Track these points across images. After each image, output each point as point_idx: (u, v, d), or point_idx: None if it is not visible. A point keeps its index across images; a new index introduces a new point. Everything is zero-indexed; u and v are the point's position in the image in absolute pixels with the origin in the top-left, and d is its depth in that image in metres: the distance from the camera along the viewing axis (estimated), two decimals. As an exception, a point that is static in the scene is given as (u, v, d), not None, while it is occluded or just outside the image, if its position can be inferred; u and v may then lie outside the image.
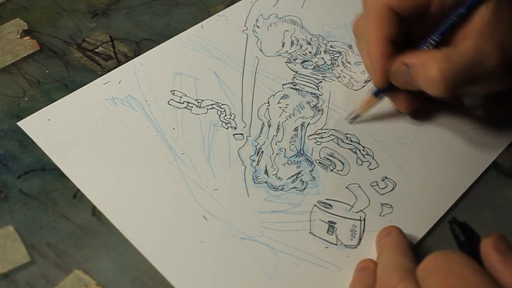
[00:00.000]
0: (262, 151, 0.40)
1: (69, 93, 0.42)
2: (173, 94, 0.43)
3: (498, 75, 0.37)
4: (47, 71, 0.44)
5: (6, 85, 0.43)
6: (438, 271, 0.28)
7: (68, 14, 0.48)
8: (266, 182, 0.38)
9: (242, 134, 0.41)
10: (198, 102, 0.42)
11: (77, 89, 0.43)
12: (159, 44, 0.47)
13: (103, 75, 0.44)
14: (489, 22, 0.36)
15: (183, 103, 0.42)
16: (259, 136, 0.41)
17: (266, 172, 0.39)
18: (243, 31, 0.48)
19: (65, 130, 0.40)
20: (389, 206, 0.38)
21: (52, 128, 0.40)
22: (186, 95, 0.43)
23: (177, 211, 0.36)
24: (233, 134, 0.41)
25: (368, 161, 0.40)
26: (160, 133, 0.40)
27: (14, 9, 0.49)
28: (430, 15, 0.39)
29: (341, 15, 0.50)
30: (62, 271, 0.33)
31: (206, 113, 0.42)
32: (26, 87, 0.43)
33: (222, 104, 0.42)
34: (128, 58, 0.45)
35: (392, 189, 0.39)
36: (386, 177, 0.39)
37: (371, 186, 0.39)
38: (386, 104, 0.44)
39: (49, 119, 0.40)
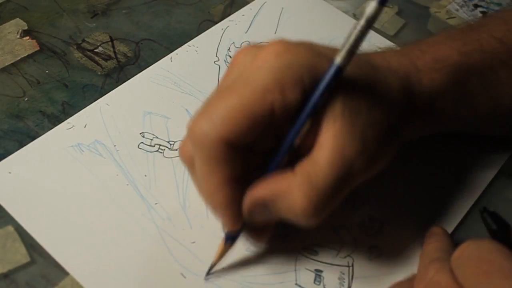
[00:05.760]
0: (241, 195, 0.38)
1: (69, 93, 0.42)
2: (143, 137, 0.40)
3: (366, 170, 0.30)
4: (47, 71, 0.44)
5: (5, 85, 0.42)
6: (470, 259, 0.28)
7: (68, 14, 0.48)
8: (246, 230, 0.36)
9: (218, 177, 0.38)
10: (171, 144, 0.40)
11: (77, 89, 0.42)
12: (159, 44, 0.46)
13: (103, 75, 0.43)
14: (344, 118, 0.29)
15: (154, 146, 0.40)
16: (237, 178, 0.38)
17: (246, 218, 0.37)
18: (214, 62, 0.46)
19: (28, 184, 0.37)
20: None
21: (13, 182, 0.37)
22: (157, 137, 0.40)
23: (153, 269, 0.34)
24: (209, 178, 0.38)
25: None
26: (131, 181, 0.38)
27: (14, 9, 0.48)
28: (275, 126, 0.30)
29: (318, 39, 0.48)
30: (62, 271, 0.33)
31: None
32: (26, 87, 0.42)
33: (196, 145, 0.40)
34: (128, 58, 0.45)
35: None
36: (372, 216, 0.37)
37: (358, 227, 0.37)
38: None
39: (10, 172, 0.37)
